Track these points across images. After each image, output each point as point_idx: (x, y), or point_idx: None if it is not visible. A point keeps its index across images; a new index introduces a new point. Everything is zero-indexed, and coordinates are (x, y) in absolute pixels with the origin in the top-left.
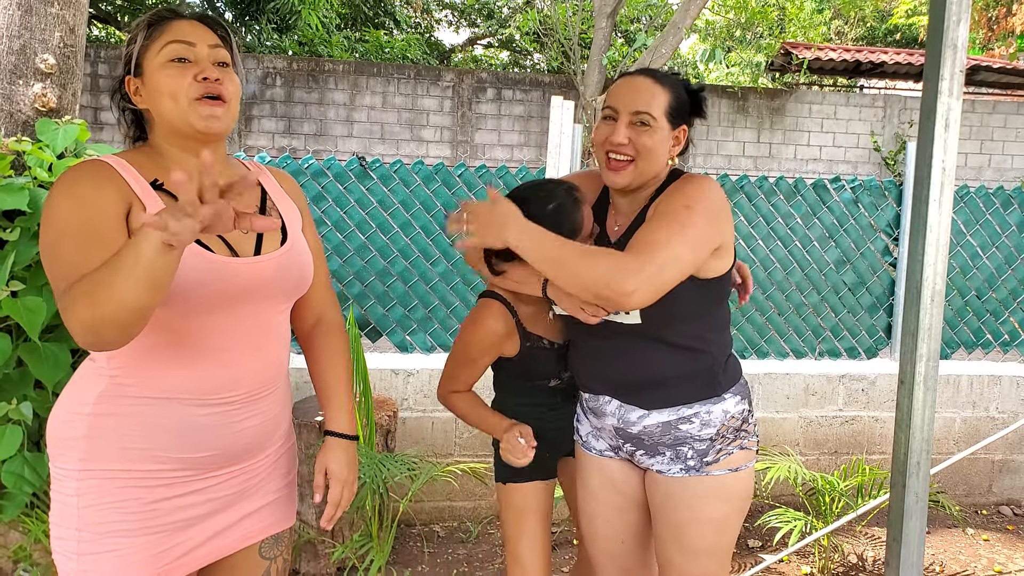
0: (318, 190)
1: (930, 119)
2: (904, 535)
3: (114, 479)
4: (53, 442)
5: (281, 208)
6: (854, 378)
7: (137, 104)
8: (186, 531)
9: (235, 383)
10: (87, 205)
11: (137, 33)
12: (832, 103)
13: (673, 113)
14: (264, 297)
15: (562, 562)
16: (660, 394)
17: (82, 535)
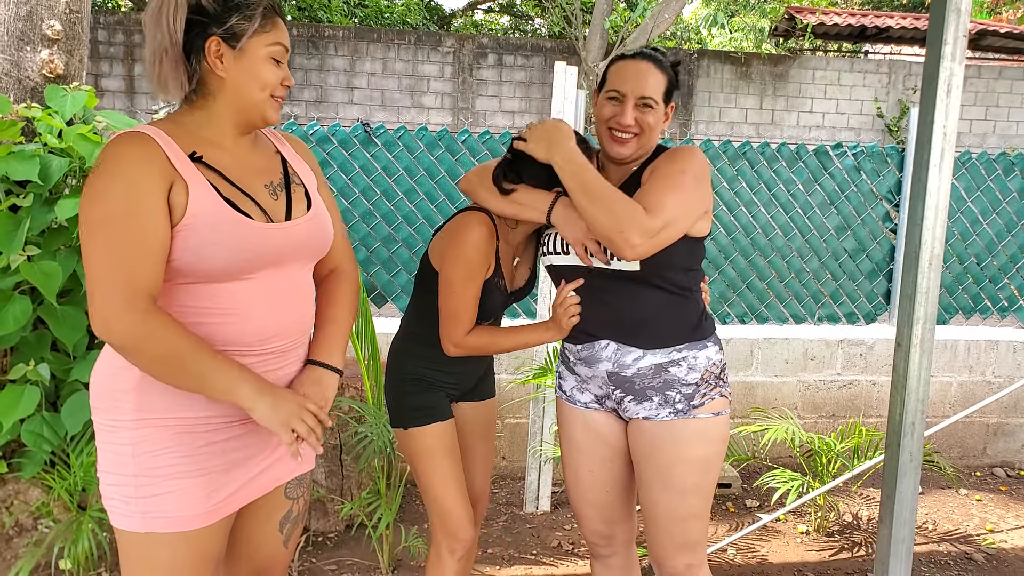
0: (323, 156)
1: (932, 84)
2: (898, 493)
3: (167, 427)
4: (102, 395)
5: (301, 174)
6: (852, 343)
7: (214, 67)
8: (232, 472)
9: (274, 335)
10: (134, 190)
11: (256, 13)
12: (836, 69)
13: (667, 93)
14: (296, 258)
15: (564, 520)
16: (656, 333)
17: (140, 480)
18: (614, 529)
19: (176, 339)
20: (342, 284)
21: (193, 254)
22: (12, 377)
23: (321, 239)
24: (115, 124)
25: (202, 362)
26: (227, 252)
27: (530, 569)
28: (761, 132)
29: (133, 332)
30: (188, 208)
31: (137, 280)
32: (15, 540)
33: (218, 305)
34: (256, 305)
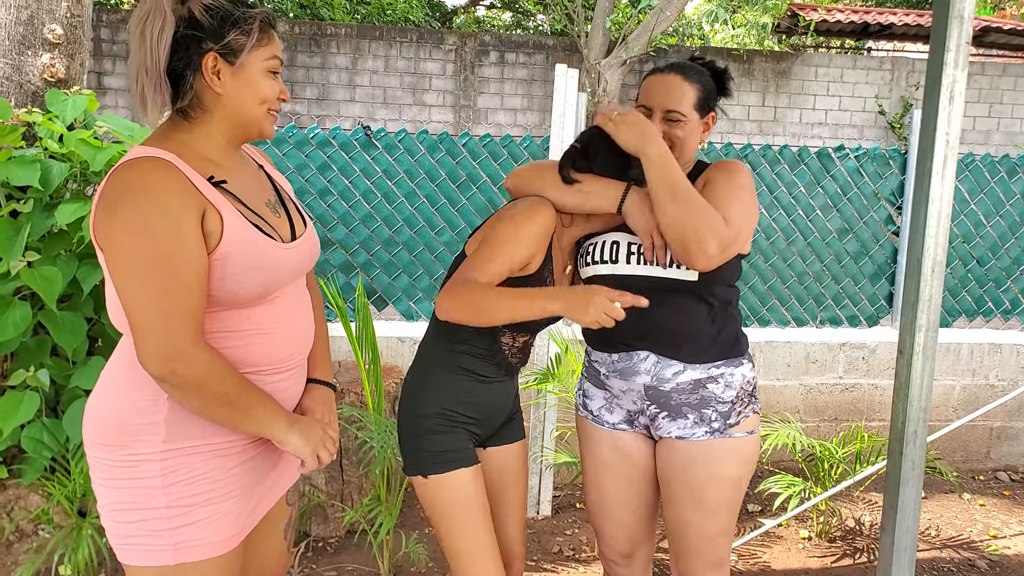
0: (324, 160)
1: (935, 91)
2: (900, 501)
3: (197, 453)
4: (119, 431)
5: (285, 187)
6: (855, 346)
7: (211, 84)
8: (255, 489)
9: (297, 350)
10: (177, 224)
11: (251, 28)
12: (839, 66)
13: (701, 104)
14: (301, 273)
15: (564, 525)
16: (699, 348)
17: (172, 511)
18: (636, 549)
19: (232, 376)
20: (317, 301)
21: (233, 282)
22: (12, 383)
23: (316, 252)
24: (116, 129)
25: (250, 398)
26: (263, 276)
27: (531, 575)
28: (763, 129)
29: (199, 370)
30: (223, 236)
31: (195, 316)
32: (15, 546)
33: (248, 327)
34: (280, 323)
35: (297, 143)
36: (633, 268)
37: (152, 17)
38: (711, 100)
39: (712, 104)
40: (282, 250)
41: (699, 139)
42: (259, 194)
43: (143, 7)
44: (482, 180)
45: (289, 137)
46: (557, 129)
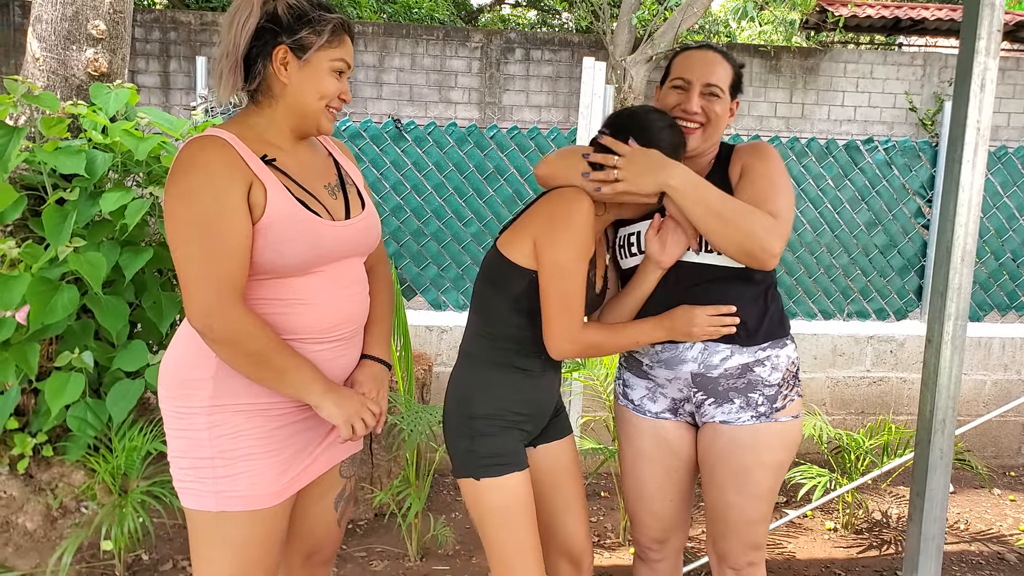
0: (355, 151)
1: (966, 79)
2: (928, 490)
3: (242, 411)
4: (175, 385)
5: (353, 175)
6: (882, 339)
7: (278, 73)
8: (299, 453)
9: (343, 323)
10: (221, 192)
11: (325, 29)
12: (868, 62)
13: (734, 86)
14: (354, 253)
15: (590, 512)
16: (748, 330)
17: (215, 461)
18: (670, 536)
19: (266, 337)
20: (380, 284)
21: (272, 251)
22: (58, 364)
23: (374, 235)
24: (156, 121)
25: (284, 360)
26: (302, 248)
27: None
28: (791, 126)
29: (232, 327)
30: (267, 208)
31: (233, 277)
32: (59, 521)
33: (291, 296)
34: (324, 296)
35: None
36: (690, 256)
37: (243, 8)
38: (738, 85)
39: (737, 91)
40: (328, 227)
41: (727, 119)
42: (318, 177)
43: (238, 2)
44: (509, 172)
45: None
46: (584, 121)
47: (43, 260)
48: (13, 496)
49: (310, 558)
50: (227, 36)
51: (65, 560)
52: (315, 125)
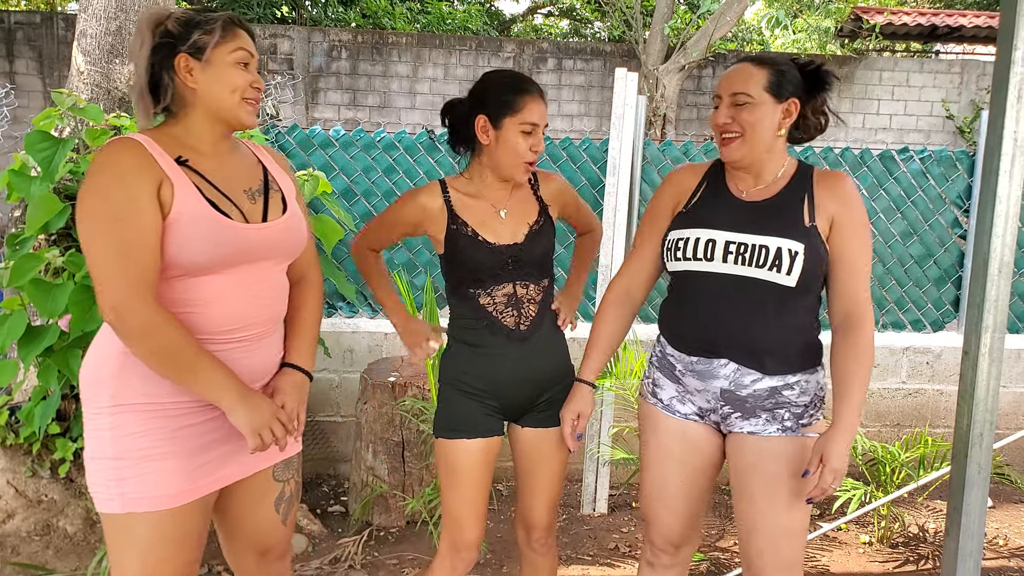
0: (389, 162)
1: (1003, 88)
2: (965, 505)
3: (143, 411)
4: (86, 386)
5: (280, 182)
6: (918, 351)
7: (184, 81)
8: (209, 452)
9: (250, 324)
10: (131, 190)
11: (215, 27)
12: (904, 70)
13: (774, 88)
14: (269, 256)
15: (621, 522)
16: (783, 359)
17: (120, 463)
18: (685, 540)
19: (177, 333)
20: (310, 291)
21: (178, 247)
22: None
23: (295, 240)
24: None
25: (197, 359)
26: (207, 246)
27: (587, 570)
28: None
29: (143, 321)
30: (174, 206)
31: (142, 272)
32: (98, 524)
33: (199, 296)
34: (232, 296)
35: (364, 146)
36: (730, 267)
37: (135, 40)
38: (788, 85)
39: (793, 91)
40: (239, 228)
41: (777, 125)
42: (238, 181)
43: (134, 35)
44: None
45: (357, 140)
46: (616, 131)
47: (85, 269)
48: (54, 500)
49: (264, 556)
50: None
51: (105, 563)
52: (235, 119)
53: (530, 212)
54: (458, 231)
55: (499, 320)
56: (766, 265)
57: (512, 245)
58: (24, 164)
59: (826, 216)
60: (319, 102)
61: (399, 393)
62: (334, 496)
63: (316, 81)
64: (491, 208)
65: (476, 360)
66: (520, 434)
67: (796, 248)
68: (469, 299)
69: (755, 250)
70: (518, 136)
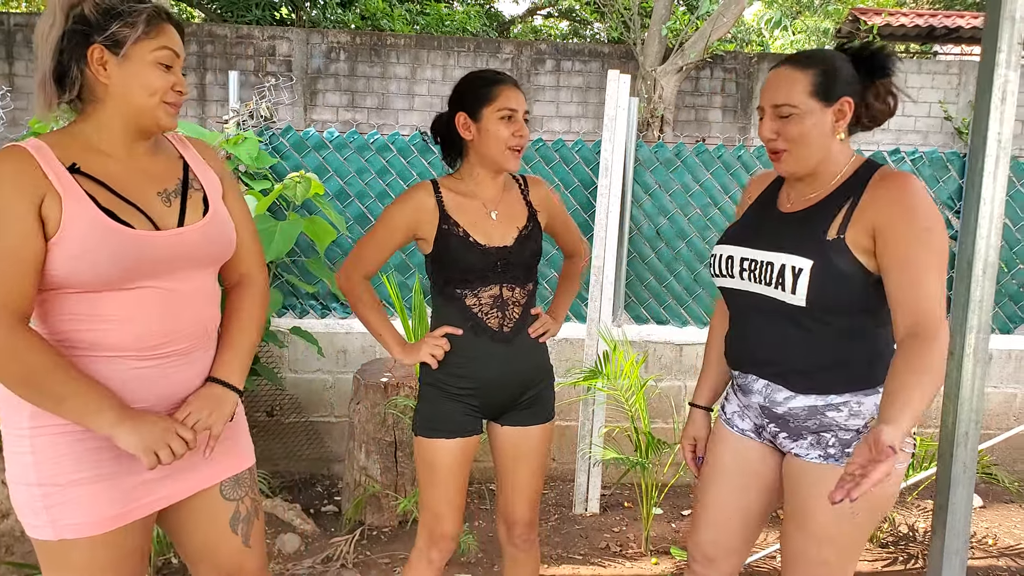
0: (383, 164)
1: (987, 91)
2: (951, 504)
3: (64, 433)
4: (3, 405)
5: (203, 179)
6: None
7: (97, 75)
8: (140, 473)
9: (174, 339)
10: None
11: (139, 19)
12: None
13: (822, 90)
14: (191, 264)
15: (612, 522)
16: (809, 381)
17: (45, 489)
18: (719, 556)
19: (36, 360)
20: (247, 293)
21: (70, 265)
22: None
23: (219, 244)
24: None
25: (60, 385)
26: (103, 261)
27: (578, 569)
28: None
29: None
30: (62, 220)
31: (3, 294)
32: None
33: (105, 312)
34: (144, 312)
35: (358, 148)
36: (745, 284)
37: (44, 19)
38: (837, 84)
39: (843, 87)
40: (144, 237)
41: (832, 129)
42: (150, 183)
43: (44, 13)
44: None
45: (351, 142)
46: (608, 134)
47: None
48: None
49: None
50: (38, 50)
51: None
52: (153, 122)
53: (520, 216)
54: (449, 231)
55: (484, 321)
56: (772, 283)
57: (502, 248)
58: None
59: (866, 225)
60: (318, 104)
61: (391, 393)
62: (328, 496)
63: (315, 83)
64: (482, 209)
65: (459, 361)
66: (500, 432)
67: (801, 265)
68: (455, 299)
69: (763, 267)
70: (498, 124)
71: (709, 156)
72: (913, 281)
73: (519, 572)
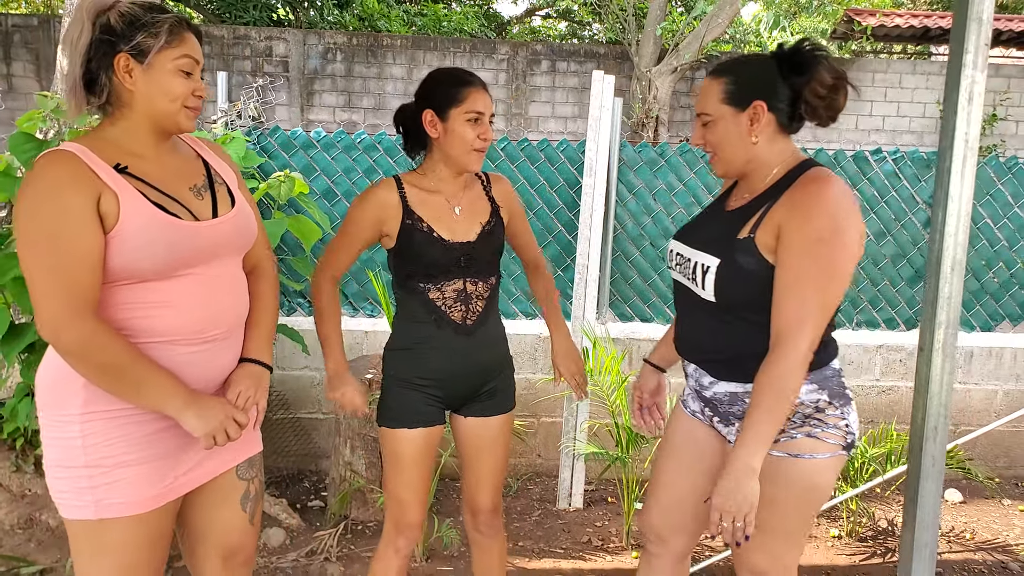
0: (369, 163)
1: (954, 92)
2: (920, 497)
3: (114, 418)
4: (50, 392)
5: (223, 174)
6: (892, 348)
7: (123, 82)
8: (178, 456)
9: (215, 324)
10: (64, 207)
11: (161, 30)
12: (897, 71)
13: (733, 97)
14: (225, 252)
15: (595, 517)
16: (727, 369)
17: (91, 470)
18: (668, 535)
19: (118, 348)
20: (264, 282)
21: (128, 257)
22: None
23: (247, 233)
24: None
25: (140, 372)
26: (161, 252)
27: (558, 563)
28: (818, 136)
29: (80, 338)
30: (120, 216)
31: (80, 288)
32: None
33: (157, 299)
34: (193, 298)
35: (345, 147)
36: (678, 276)
37: (73, 27)
38: (748, 88)
39: (754, 92)
40: (190, 228)
41: (745, 133)
42: (182, 179)
43: (72, 20)
44: (520, 183)
45: (338, 141)
46: (592, 134)
47: None
48: (37, 494)
49: (228, 561)
50: (67, 58)
51: None
52: (174, 125)
53: (483, 212)
54: (413, 226)
55: (447, 315)
56: (691, 279)
57: (465, 243)
58: (9, 165)
59: (773, 226)
60: (314, 104)
61: (375, 389)
62: (315, 491)
63: (311, 83)
64: (446, 204)
65: (421, 353)
66: (462, 423)
67: (709, 263)
68: (418, 293)
69: (686, 262)
70: (465, 126)
71: (693, 155)
72: (787, 288)
73: (486, 557)
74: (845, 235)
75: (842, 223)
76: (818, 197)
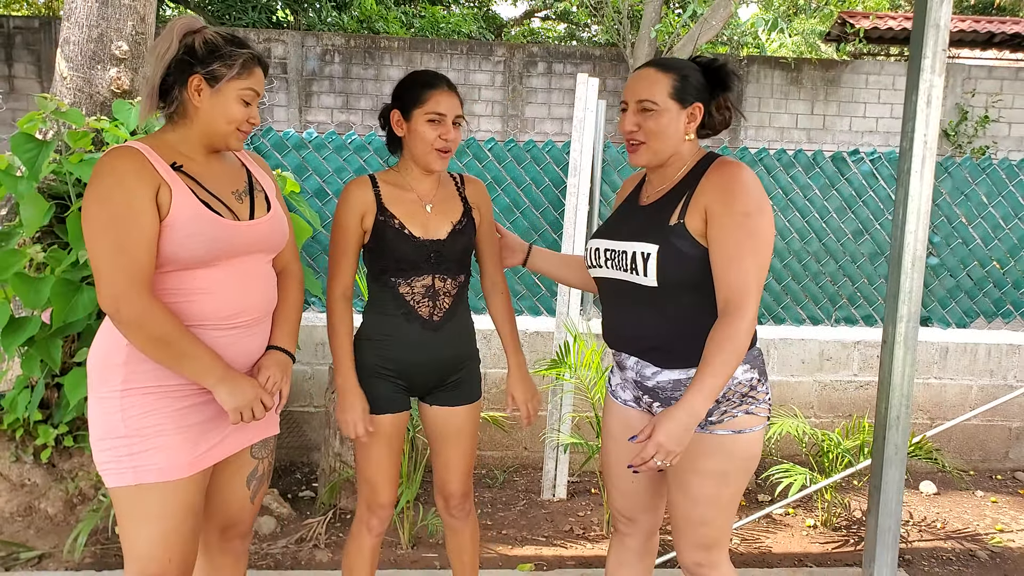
0: (360, 163)
1: (913, 95)
2: (883, 484)
3: (151, 393)
4: (96, 371)
5: (263, 183)
6: (869, 344)
7: (192, 99)
8: (209, 429)
9: (243, 312)
10: (131, 193)
11: (236, 63)
12: (891, 73)
13: (679, 94)
14: (258, 250)
15: (578, 507)
16: (670, 355)
17: (131, 440)
18: (638, 516)
19: (169, 323)
20: (291, 282)
21: (175, 245)
22: (78, 360)
23: (279, 235)
24: None
25: (186, 346)
26: (203, 243)
27: (540, 550)
28: (812, 138)
29: (138, 311)
30: (172, 207)
31: (140, 266)
32: (78, 507)
33: (195, 286)
34: (225, 286)
35: (336, 148)
36: (609, 272)
37: (163, 41)
38: (691, 90)
39: (698, 95)
40: (230, 225)
41: (682, 130)
42: (227, 183)
43: (163, 34)
44: (507, 182)
45: (329, 142)
46: (577, 134)
47: (66, 263)
48: (36, 483)
49: (226, 532)
50: (150, 65)
51: (80, 540)
52: (224, 144)
53: (454, 211)
54: (386, 223)
55: (415, 309)
56: (627, 269)
57: (435, 240)
58: (10, 164)
59: (699, 210)
60: (312, 105)
61: None
62: (306, 482)
63: (309, 85)
64: (418, 202)
65: (389, 346)
66: (429, 412)
67: (648, 250)
68: (389, 287)
69: (620, 255)
70: (426, 126)
71: None
72: (728, 261)
73: (458, 539)
74: (766, 208)
75: (761, 199)
76: (737, 179)
